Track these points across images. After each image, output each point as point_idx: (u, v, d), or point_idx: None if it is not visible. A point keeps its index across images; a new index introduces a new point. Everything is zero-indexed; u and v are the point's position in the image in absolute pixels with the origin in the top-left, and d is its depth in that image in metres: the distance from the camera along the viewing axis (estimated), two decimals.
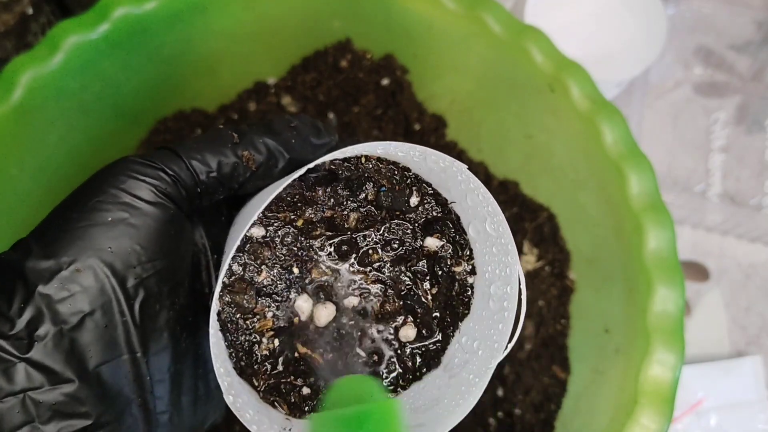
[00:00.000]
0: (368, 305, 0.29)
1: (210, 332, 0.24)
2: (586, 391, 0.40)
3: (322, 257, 0.29)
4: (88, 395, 0.22)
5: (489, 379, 0.26)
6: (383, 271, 0.29)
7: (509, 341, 0.26)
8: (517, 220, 0.46)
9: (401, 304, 0.29)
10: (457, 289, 0.29)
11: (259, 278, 0.28)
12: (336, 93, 0.48)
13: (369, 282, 0.29)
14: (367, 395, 0.22)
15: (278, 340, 0.28)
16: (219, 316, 0.27)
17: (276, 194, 0.24)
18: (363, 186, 0.29)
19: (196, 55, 0.45)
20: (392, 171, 0.29)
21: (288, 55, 0.49)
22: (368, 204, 0.29)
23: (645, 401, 0.33)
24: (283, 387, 0.28)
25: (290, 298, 0.28)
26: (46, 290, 0.22)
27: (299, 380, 0.28)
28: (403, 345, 0.29)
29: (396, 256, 0.29)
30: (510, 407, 0.43)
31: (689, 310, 0.55)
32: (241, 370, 0.27)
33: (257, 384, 0.27)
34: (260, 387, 0.27)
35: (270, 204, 0.28)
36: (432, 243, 0.29)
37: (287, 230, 0.28)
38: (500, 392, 0.43)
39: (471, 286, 0.29)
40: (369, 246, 0.29)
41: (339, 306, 0.29)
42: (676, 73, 0.63)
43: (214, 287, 0.28)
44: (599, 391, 0.38)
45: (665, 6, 0.61)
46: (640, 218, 0.36)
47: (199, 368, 0.27)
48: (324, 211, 0.29)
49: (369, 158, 0.29)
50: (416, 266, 0.29)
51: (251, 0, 0.43)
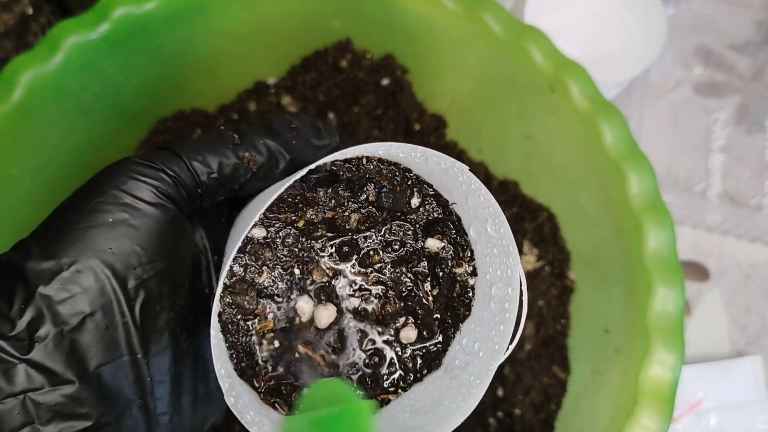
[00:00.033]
0: (369, 306, 0.29)
1: (211, 333, 0.24)
2: (586, 391, 0.40)
3: (323, 258, 0.29)
4: (89, 396, 0.22)
5: (490, 381, 0.26)
6: (384, 273, 0.29)
7: (510, 343, 0.26)
8: (517, 220, 0.46)
9: (402, 306, 0.29)
10: (458, 291, 0.29)
11: (260, 279, 0.28)
12: (336, 93, 0.48)
13: (370, 283, 0.29)
14: (341, 398, 0.22)
15: (279, 342, 0.28)
16: (220, 317, 0.27)
17: (277, 195, 0.24)
18: (364, 187, 0.29)
19: (196, 55, 0.45)
20: (393, 172, 0.29)
21: (288, 55, 0.49)
22: (369, 205, 0.29)
23: (645, 401, 0.33)
24: (284, 388, 0.28)
25: (291, 300, 0.28)
26: (47, 291, 0.22)
27: (300, 382, 0.28)
28: (404, 346, 0.29)
29: (397, 258, 0.29)
30: (510, 407, 0.43)
31: (689, 310, 0.55)
32: (242, 372, 0.27)
33: (258, 385, 0.27)
34: (261, 388, 0.27)
35: (271, 205, 0.28)
36: (433, 244, 0.29)
37: (288, 231, 0.28)
38: (500, 392, 0.43)
39: (472, 288, 0.29)
40: (370, 247, 0.29)
41: (340, 307, 0.29)
42: (676, 73, 0.63)
43: (215, 288, 0.28)
44: (599, 391, 0.38)
45: (665, 6, 0.61)
46: (640, 218, 0.36)
47: (200, 369, 0.27)
48: (325, 212, 0.29)
49: (370, 159, 0.29)
50: (417, 267, 0.29)
51: (251, 0, 0.43)
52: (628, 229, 0.37)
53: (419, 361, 0.29)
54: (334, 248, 0.29)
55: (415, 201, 0.29)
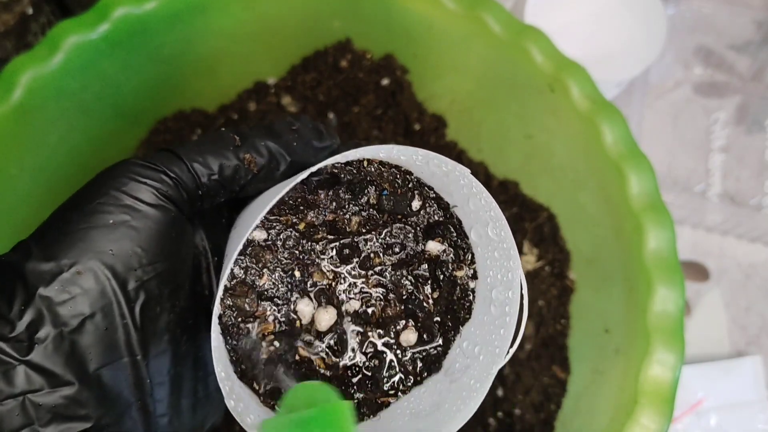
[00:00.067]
0: (369, 309, 0.29)
1: (212, 336, 0.24)
2: (586, 391, 0.40)
3: (324, 261, 0.29)
4: (88, 398, 0.22)
5: (490, 385, 0.26)
6: (384, 275, 0.29)
7: (511, 347, 0.26)
8: (517, 220, 0.46)
9: (402, 309, 0.29)
10: (459, 294, 0.29)
11: (261, 282, 0.28)
12: (336, 93, 0.48)
13: (370, 286, 0.29)
14: (321, 400, 0.22)
15: (279, 344, 0.28)
16: (220, 320, 0.27)
17: (278, 199, 0.24)
18: (365, 189, 0.29)
19: (196, 55, 0.45)
20: (394, 175, 0.29)
21: (288, 55, 0.49)
22: (370, 207, 0.29)
23: (645, 401, 0.33)
24: (284, 391, 0.28)
25: (291, 302, 0.28)
26: (47, 292, 0.21)
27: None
28: (404, 349, 0.29)
29: (397, 260, 0.29)
30: (510, 407, 0.43)
31: (689, 310, 0.55)
32: (242, 374, 0.27)
33: (258, 387, 0.27)
34: (261, 390, 0.27)
35: (272, 207, 0.28)
36: (433, 247, 0.29)
37: (289, 233, 0.28)
38: (500, 392, 0.43)
39: (472, 291, 0.29)
40: (371, 250, 0.29)
41: (340, 310, 0.28)
42: (676, 73, 0.63)
43: (215, 290, 0.28)
44: (599, 391, 0.38)
45: (665, 6, 0.61)
46: (640, 218, 0.36)
47: (199, 371, 0.27)
48: (326, 215, 0.29)
49: (371, 162, 0.29)
50: (418, 270, 0.29)
51: (251, 0, 0.43)
52: (628, 229, 0.37)
53: (419, 364, 0.29)
54: (335, 251, 0.29)
55: (416, 204, 0.29)
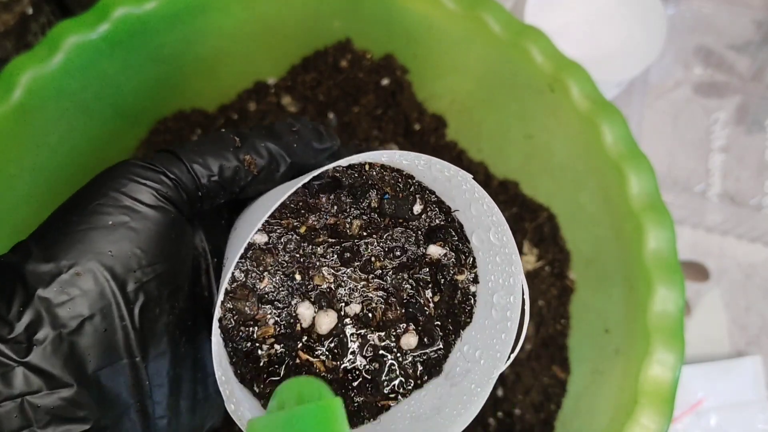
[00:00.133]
0: (370, 312, 0.29)
1: (212, 340, 0.24)
2: (586, 391, 0.40)
3: (325, 264, 0.29)
4: (87, 400, 0.22)
5: (491, 390, 0.26)
6: (385, 279, 0.29)
7: (512, 351, 0.26)
8: (517, 220, 0.46)
9: (403, 312, 0.29)
10: (460, 298, 0.29)
11: (261, 285, 0.28)
12: (336, 93, 0.48)
13: (371, 289, 0.29)
14: (312, 396, 0.21)
15: (280, 347, 0.28)
16: (220, 323, 0.27)
17: (280, 203, 0.24)
18: (366, 193, 0.29)
19: (196, 55, 0.45)
20: (396, 178, 0.29)
21: (288, 55, 0.48)
22: (371, 211, 0.29)
23: (645, 401, 0.33)
24: None
25: (292, 305, 0.28)
26: (46, 294, 0.21)
27: None
28: (404, 353, 0.29)
29: (398, 264, 0.29)
30: (510, 407, 0.43)
31: (689, 310, 0.55)
32: (242, 377, 0.27)
33: (258, 391, 0.27)
34: (261, 394, 0.27)
35: (273, 210, 0.28)
36: (435, 251, 0.29)
37: (290, 237, 0.28)
38: (500, 392, 0.43)
39: (473, 295, 0.29)
40: (371, 253, 0.29)
41: (340, 313, 0.28)
42: (676, 73, 0.63)
43: (214, 291, 0.28)
44: (599, 391, 0.38)
45: (665, 6, 0.61)
46: (640, 218, 0.36)
47: (198, 372, 0.26)
48: (327, 218, 0.28)
49: (373, 165, 0.29)
50: (418, 274, 0.29)
51: (251, 0, 0.43)
52: (628, 229, 0.37)
53: (420, 368, 0.29)
54: (336, 254, 0.28)
55: (418, 208, 0.29)
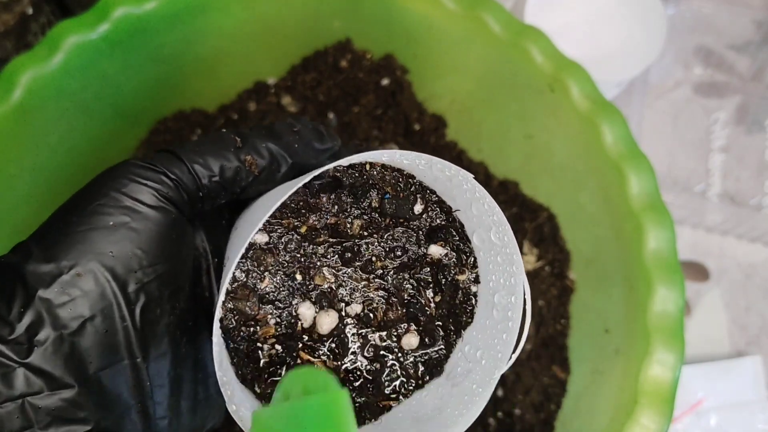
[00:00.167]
0: (371, 313, 0.29)
1: (213, 341, 0.24)
2: (586, 391, 0.40)
3: (326, 264, 0.28)
4: (88, 401, 0.22)
5: (492, 390, 0.26)
6: (386, 279, 0.29)
7: (513, 352, 0.26)
8: (517, 220, 0.46)
9: (404, 312, 0.29)
10: (461, 298, 0.29)
11: (262, 285, 0.27)
12: (336, 93, 0.48)
13: (372, 289, 0.29)
14: (318, 388, 0.21)
15: (280, 347, 0.28)
16: (221, 323, 0.27)
17: (281, 203, 0.24)
18: (367, 193, 0.29)
19: (196, 55, 0.45)
20: (397, 178, 0.29)
21: (288, 55, 0.48)
22: (372, 211, 0.29)
23: (645, 401, 0.33)
24: None
25: (293, 305, 0.28)
26: (47, 294, 0.21)
27: None
28: (406, 353, 0.29)
29: (399, 264, 0.29)
30: (510, 407, 0.43)
31: (689, 310, 0.55)
32: (243, 378, 0.27)
33: (259, 391, 0.27)
34: (262, 394, 0.27)
35: (274, 210, 0.28)
36: (436, 251, 0.29)
37: (291, 237, 0.28)
38: (500, 392, 0.43)
39: (474, 295, 0.29)
40: (372, 253, 0.29)
41: (341, 313, 0.28)
42: (676, 73, 0.63)
43: (215, 291, 0.28)
44: (599, 391, 0.38)
45: (665, 6, 0.61)
46: (640, 218, 0.36)
47: (199, 373, 0.26)
48: (328, 218, 0.28)
49: (374, 165, 0.29)
50: (419, 274, 0.29)
51: (251, 0, 0.43)
52: (628, 229, 0.37)
53: (421, 368, 0.29)
54: (337, 254, 0.28)
55: (418, 207, 0.29)
